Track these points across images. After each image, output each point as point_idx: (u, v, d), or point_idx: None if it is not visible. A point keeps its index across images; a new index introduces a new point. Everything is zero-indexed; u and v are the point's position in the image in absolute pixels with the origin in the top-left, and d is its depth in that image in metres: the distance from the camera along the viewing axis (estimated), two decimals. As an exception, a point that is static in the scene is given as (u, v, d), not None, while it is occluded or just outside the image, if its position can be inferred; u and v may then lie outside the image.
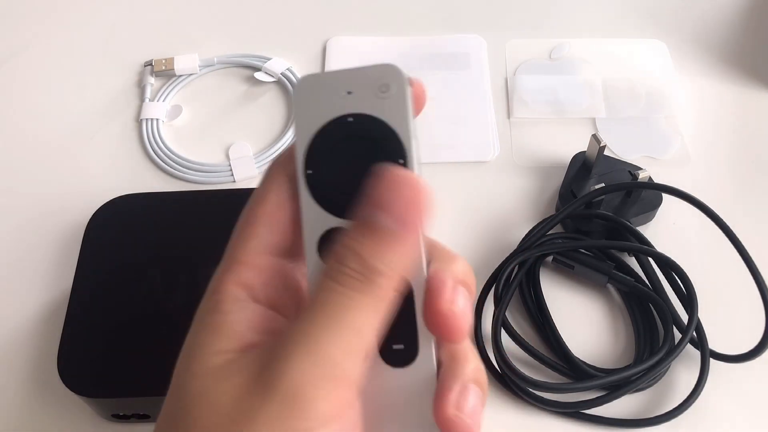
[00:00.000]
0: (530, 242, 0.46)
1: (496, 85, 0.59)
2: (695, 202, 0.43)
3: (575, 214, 0.47)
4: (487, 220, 0.51)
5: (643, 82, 0.59)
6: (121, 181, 0.54)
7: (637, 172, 0.48)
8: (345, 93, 0.24)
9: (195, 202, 0.47)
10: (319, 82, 0.24)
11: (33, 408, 0.43)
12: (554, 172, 0.53)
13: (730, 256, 0.42)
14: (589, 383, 0.40)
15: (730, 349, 0.42)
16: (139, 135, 0.57)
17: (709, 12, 0.65)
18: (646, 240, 0.46)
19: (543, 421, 0.42)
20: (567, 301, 0.46)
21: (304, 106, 0.24)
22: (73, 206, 0.52)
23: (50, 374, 0.41)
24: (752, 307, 0.41)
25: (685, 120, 0.57)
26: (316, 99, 0.24)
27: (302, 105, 0.24)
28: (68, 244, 0.49)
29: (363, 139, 0.24)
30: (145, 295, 0.42)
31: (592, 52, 0.62)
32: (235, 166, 0.54)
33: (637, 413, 0.42)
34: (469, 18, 0.65)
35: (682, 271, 0.43)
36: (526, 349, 0.43)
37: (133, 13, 0.66)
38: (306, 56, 0.62)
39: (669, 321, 0.43)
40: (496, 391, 0.43)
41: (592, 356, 0.44)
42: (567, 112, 0.57)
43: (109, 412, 0.41)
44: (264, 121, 0.58)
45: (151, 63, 0.61)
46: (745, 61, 0.61)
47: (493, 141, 0.55)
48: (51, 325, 0.45)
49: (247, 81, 0.61)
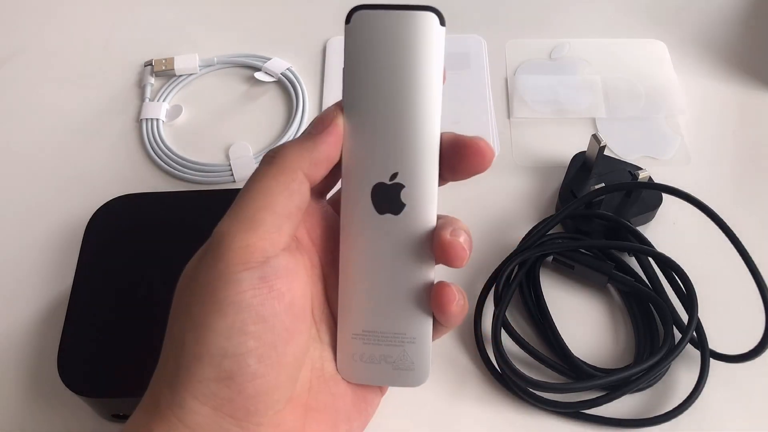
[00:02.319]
0: (530, 242, 0.46)
1: (496, 85, 0.59)
2: (695, 202, 0.43)
3: (575, 214, 0.47)
4: (487, 220, 0.51)
5: (643, 82, 0.59)
6: (121, 181, 0.54)
7: (637, 172, 0.48)
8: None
9: (195, 202, 0.47)
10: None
11: (33, 408, 0.43)
12: (554, 172, 0.53)
13: (730, 256, 0.42)
14: (589, 383, 0.40)
15: (730, 349, 0.42)
16: (139, 135, 0.57)
17: (709, 12, 0.65)
18: (646, 240, 0.46)
19: (543, 421, 0.42)
20: (567, 301, 0.46)
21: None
22: (73, 206, 0.52)
23: (50, 374, 0.41)
24: (752, 307, 0.41)
25: (685, 120, 0.57)
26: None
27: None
28: (68, 244, 0.49)
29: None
30: (145, 295, 0.42)
31: (592, 52, 0.62)
32: (235, 166, 0.54)
33: (637, 413, 0.42)
34: (469, 18, 0.65)
35: (682, 271, 0.43)
36: (526, 349, 0.43)
37: (133, 13, 0.66)
38: (306, 56, 0.62)
39: (669, 321, 0.43)
40: (496, 391, 0.43)
41: (592, 356, 0.44)
42: (567, 112, 0.57)
43: (109, 412, 0.41)
44: (264, 121, 0.58)
45: (151, 63, 0.61)
46: (745, 61, 0.61)
47: (493, 141, 0.55)
48: (51, 325, 0.45)
49: (247, 81, 0.61)
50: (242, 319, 0.27)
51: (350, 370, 0.31)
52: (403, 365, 0.30)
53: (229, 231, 0.28)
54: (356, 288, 0.30)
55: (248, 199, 0.28)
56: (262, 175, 0.29)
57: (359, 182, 0.29)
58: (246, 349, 0.27)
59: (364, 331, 0.30)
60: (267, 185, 0.28)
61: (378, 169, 0.29)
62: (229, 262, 0.27)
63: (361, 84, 0.29)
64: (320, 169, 0.29)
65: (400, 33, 0.28)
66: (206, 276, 0.27)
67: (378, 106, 0.29)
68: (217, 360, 0.27)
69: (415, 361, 0.30)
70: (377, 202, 0.29)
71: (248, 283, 0.27)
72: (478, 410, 0.42)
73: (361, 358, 0.31)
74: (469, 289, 0.46)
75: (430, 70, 0.29)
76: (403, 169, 0.29)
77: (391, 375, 0.31)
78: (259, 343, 0.27)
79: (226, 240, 0.28)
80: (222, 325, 0.27)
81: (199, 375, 0.27)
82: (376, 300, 0.30)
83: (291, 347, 0.28)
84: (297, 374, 0.29)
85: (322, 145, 0.29)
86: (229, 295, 0.27)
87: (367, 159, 0.29)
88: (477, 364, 0.44)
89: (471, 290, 0.46)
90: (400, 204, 0.29)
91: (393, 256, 0.30)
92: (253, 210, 0.28)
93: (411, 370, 0.31)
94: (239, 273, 0.27)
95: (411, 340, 0.30)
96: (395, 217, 0.29)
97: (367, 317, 0.30)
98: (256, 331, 0.27)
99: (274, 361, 0.27)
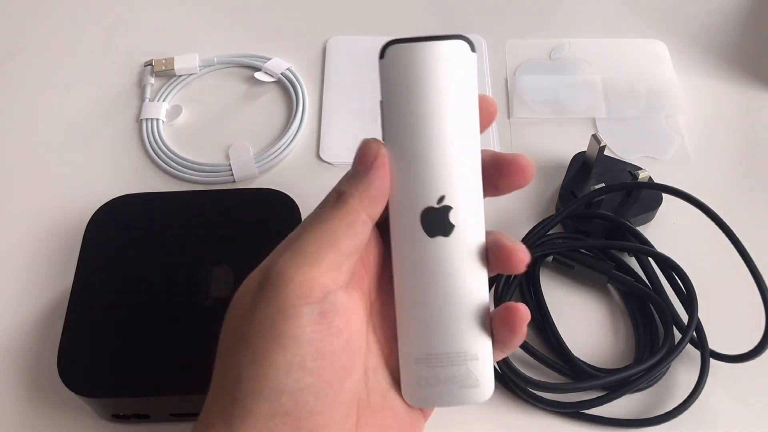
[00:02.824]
0: (530, 242, 0.46)
1: (496, 85, 0.59)
2: (695, 202, 0.43)
3: (575, 214, 0.47)
4: (487, 220, 0.50)
5: (643, 82, 0.59)
6: (121, 181, 0.54)
7: (637, 172, 0.48)
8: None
9: (195, 202, 0.47)
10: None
11: (33, 408, 0.43)
12: (554, 172, 0.53)
13: (730, 256, 0.42)
14: (589, 383, 0.40)
15: (730, 349, 0.42)
16: (139, 135, 0.57)
17: (709, 12, 0.65)
18: (646, 240, 0.46)
19: (543, 421, 0.42)
20: (567, 301, 0.46)
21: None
22: (73, 206, 0.52)
23: (50, 374, 0.41)
24: (752, 307, 0.41)
25: (685, 120, 0.57)
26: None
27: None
28: (68, 244, 0.49)
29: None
30: (145, 295, 0.42)
31: (592, 52, 0.62)
32: (235, 166, 0.54)
33: (637, 413, 0.42)
34: (469, 18, 0.65)
35: (682, 271, 0.43)
36: (526, 349, 0.43)
37: (133, 13, 0.66)
38: (306, 56, 0.62)
39: (669, 321, 0.43)
40: (497, 391, 0.42)
41: (592, 356, 0.44)
42: (567, 112, 0.57)
43: (109, 412, 0.41)
44: (264, 121, 0.58)
45: (151, 63, 0.61)
46: (745, 61, 0.61)
47: (493, 141, 0.55)
48: (51, 325, 0.45)
49: (247, 81, 0.61)
50: (302, 355, 0.26)
51: (417, 394, 0.31)
52: (468, 383, 0.31)
53: (291, 265, 0.27)
54: (415, 313, 0.30)
55: (310, 237, 0.28)
56: (327, 216, 0.29)
57: (408, 209, 0.30)
58: (304, 385, 0.26)
59: (428, 354, 0.31)
60: (333, 226, 0.28)
61: (426, 194, 0.30)
62: (289, 296, 0.27)
63: (401, 115, 0.30)
64: (378, 205, 0.30)
65: (434, 63, 0.29)
66: (266, 309, 0.27)
67: (420, 134, 0.29)
68: (275, 395, 0.26)
69: (480, 377, 0.31)
70: (427, 226, 0.30)
71: (309, 318, 0.27)
72: (478, 410, 0.42)
73: (426, 381, 0.31)
74: (469, 289, 0.46)
75: (466, 95, 0.29)
76: (450, 191, 0.30)
77: (457, 394, 0.31)
78: (317, 379, 0.27)
79: (287, 273, 0.27)
80: (282, 360, 0.26)
81: (257, 411, 0.26)
82: (437, 322, 0.30)
83: (347, 384, 0.28)
84: (351, 411, 0.29)
85: (376, 180, 0.29)
86: (290, 329, 0.26)
87: (414, 186, 0.30)
88: (477, 364, 0.44)
89: (471, 290, 0.46)
90: (450, 225, 0.30)
91: (448, 276, 0.30)
92: (316, 247, 0.28)
93: (476, 387, 0.31)
94: (301, 307, 0.27)
95: (474, 356, 0.30)
96: (446, 238, 0.30)
97: (428, 340, 0.31)
98: (315, 368, 0.27)
99: (330, 399, 0.27)
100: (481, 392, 0.31)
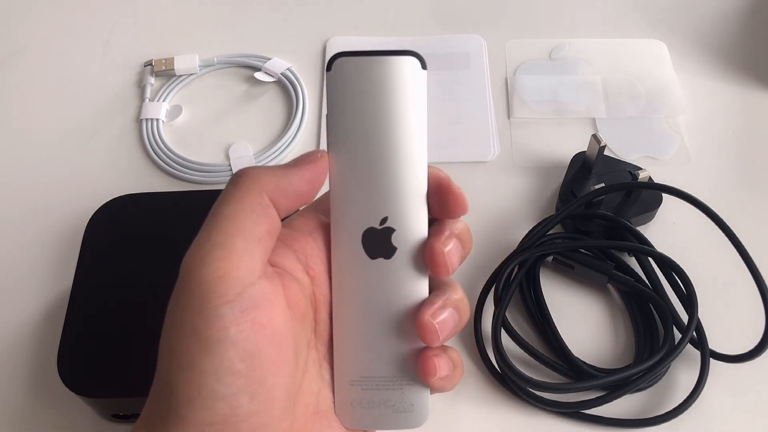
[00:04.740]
0: (530, 242, 0.46)
1: (496, 85, 0.59)
2: (695, 202, 0.43)
3: (575, 214, 0.47)
4: (487, 220, 0.51)
5: (643, 82, 0.59)
6: (121, 181, 0.54)
7: (637, 172, 0.48)
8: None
9: (195, 202, 0.47)
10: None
11: (33, 408, 0.43)
12: (554, 172, 0.53)
13: (730, 256, 0.42)
14: (589, 383, 0.40)
15: (730, 349, 0.42)
16: (139, 135, 0.57)
17: (709, 12, 0.65)
18: (646, 240, 0.46)
19: (543, 421, 0.42)
20: (567, 301, 0.46)
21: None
22: (73, 206, 0.52)
23: (50, 374, 0.41)
24: (752, 307, 0.41)
25: (685, 120, 0.57)
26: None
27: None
28: (68, 244, 0.49)
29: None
30: (145, 295, 0.42)
31: (592, 52, 0.62)
32: (235, 166, 0.54)
33: (637, 413, 0.42)
34: (469, 18, 0.65)
35: (682, 271, 0.43)
36: (526, 349, 0.43)
37: (133, 13, 0.66)
38: (306, 56, 0.62)
39: (669, 321, 0.43)
40: (496, 391, 0.43)
41: (592, 356, 0.44)
42: (567, 112, 0.57)
43: (109, 412, 0.41)
44: (264, 121, 0.58)
45: (151, 63, 0.61)
46: (745, 61, 0.61)
47: (493, 141, 0.55)
48: (51, 325, 0.46)
49: (247, 81, 0.61)
50: (229, 358, 0.25)
51: (350, 416, 0.31)
52: (402, 407, 0.30)
53: (202, 260, 0.26)
54: (351, 334, 0.30)
55: (215, 225, 0.27)
56: (228, 199, 0.28)
57: (349, 228, 0.29)
58: (237, 389, 0.26)
59: (362, 377, 0.30)
60: (234, 209, 0.27)
61: (368, 215, 0.29)
62: (205, 296, 0.26)
63: (346, 130, 0.29)
64: (287, 200, 0.28)
65: (382, 78, 0.28)
66: (184, 313, 0.26)
67: (364, 151, 0.29)
68: (210, 403, 0.25)
69: (415, 402, 0.30)
70: (368, 248, 0.29)
71: (230, 318, 0.26)
72: (478, 410, 0.42)
73: (360, 404, 0.30)
74: (469, 289, 0.46)
75: (415, 113, 0.28)
76: (393, 213, 0.29)
77: (390, 418, 0.30)
78: (249, 380, 0.26)
79: (200, 270, 0.26)
80: (210, 366, 0.25)
81: (191, 420, 0.26)
82: (372, 346, 0.30)
83: (279, 379, 0.27)
84: (292, 406, 0.28)
85: (293, 177, 0.28)
86: (213, 333, 0.25)
87: (356, 205, 0.29)
88: (477, 364, 0.44)
89: (471, 290, 0.46)
90: (392, 248, 0.29)
91: (386, 300, 0.29)
92: (223, 236, 0.27)
93: (410, 412, 0.30)
94: (220, 308, 0.26)
95: (409, 382, 0.30)
96: (387, 261, 0.29)
97: (363, 363, 0.30)
98: (245, 369, 0.26)
99: (265, 397, 0.26)
100: (416, 418, 0.30)
